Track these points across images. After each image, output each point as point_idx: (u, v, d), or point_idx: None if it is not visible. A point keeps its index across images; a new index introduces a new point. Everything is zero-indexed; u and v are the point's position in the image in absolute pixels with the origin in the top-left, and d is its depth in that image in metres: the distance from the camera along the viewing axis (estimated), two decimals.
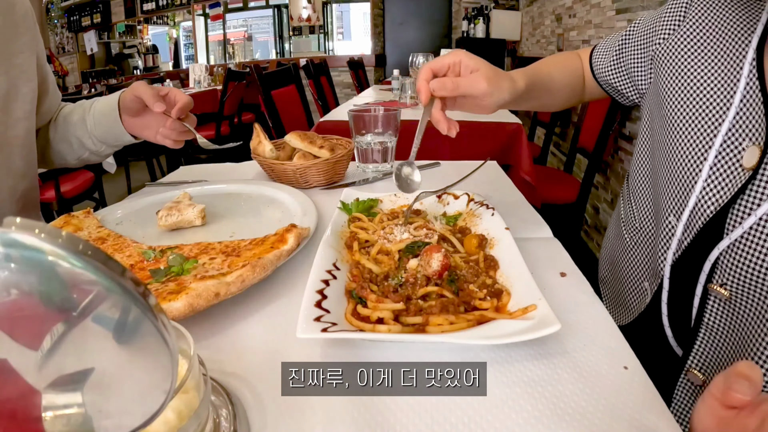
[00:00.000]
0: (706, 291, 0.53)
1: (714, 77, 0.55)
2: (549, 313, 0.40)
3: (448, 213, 0.66)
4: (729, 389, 0.27)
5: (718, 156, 0.52)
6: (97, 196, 2.50)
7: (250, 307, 0.50)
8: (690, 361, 0.55)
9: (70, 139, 0.83)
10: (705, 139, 0.54)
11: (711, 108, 0.54)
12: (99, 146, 0.83)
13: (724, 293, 0.50)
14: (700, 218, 0.53)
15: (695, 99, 0.56)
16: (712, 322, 0.53)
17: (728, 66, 0.54)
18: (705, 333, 0.53)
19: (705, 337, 0.53)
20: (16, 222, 0.18)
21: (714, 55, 0.56)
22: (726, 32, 0.56)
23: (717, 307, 0.52)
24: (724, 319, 0.52)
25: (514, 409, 0.36)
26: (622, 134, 2.14)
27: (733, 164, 0.51)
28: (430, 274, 0.48)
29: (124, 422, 0.22)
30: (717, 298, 0.52)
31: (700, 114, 0.55)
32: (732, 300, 0.50)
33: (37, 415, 0.22)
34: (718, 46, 0.56)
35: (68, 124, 0.83)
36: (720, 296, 0.51)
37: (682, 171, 0.56)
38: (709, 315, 0.53)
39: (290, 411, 0.36)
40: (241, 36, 6.53)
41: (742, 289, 0.49)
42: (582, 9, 2.83)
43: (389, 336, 0.42)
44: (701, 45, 0.58)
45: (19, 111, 0.71)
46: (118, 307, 0.20)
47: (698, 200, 0.53)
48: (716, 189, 0.52)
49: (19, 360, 0.21)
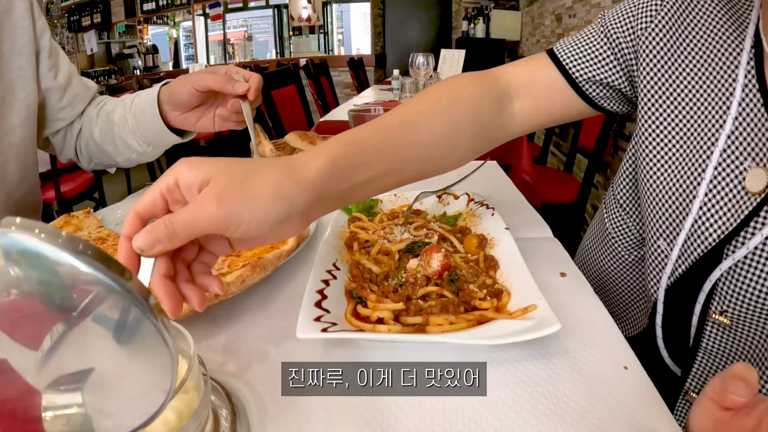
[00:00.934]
0: (703, 316, 0.48)
1: (703, 85, 0.48)
2: (549, 313, 0.40)
3: (448, 213, 0.66)
4: (725, 391, 0.27)
5: (716, 177, 0.46)
6: (97, 196, 2.50)
7: (250, 307, 0.50)
8: (688, 384, 0.52)
9: (114, 140, 0.75)
10: (699, 157, 0.47)
11: (703, 122, 0.47)
12: (145, 147, 0.75)
13: (725, 321, 0.46)
14: (699, 246, 0.47)
15: (683, 111, 0.49)
16: (711, 346, 0.49)
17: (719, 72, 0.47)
18: (703, 357, 0.50)
19: (703, 360, 0.50)
20: (16, 222, 0.18)
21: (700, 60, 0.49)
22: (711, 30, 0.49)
23: (716, 333, 0.48)
24: (723, 345, 0.48)
25: (514, 410, 0.36)
26: (622, 134, 2.14)
27: (735, 187, 0.44)
28: (430, 274, 0.48)
29: (124, 422, 0.22)
30: (716, 325, 0.47)
31: (691, 130, 0.48)
32: (733, 327, 0.46)
33: (37, 415, 0.22)
34: (704, 48, 0.49)
35: (111, 123, 0.75)
36: (720, 324, 0.47)
37: (672, 192, 0.49)
38: (707, 340, 0.49)
39: (290, 411, 0.36)
40: (241, 36, 6.53)
41: (744, 316, 0.45)
42: (582, 9, 2.83)
43: (389, 336, 0.42)
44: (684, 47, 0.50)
45: (14, 118, 0.67)
46: (118, 307, 0.20)
47: (695, 226, 0.47)
48: (717, 214, 0.45)
49: (19, 360, 0.21)
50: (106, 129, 0.75)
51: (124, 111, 0.74)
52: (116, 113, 0.75)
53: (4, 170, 0.68)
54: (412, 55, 2.06)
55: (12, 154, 0.68)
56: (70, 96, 0.75)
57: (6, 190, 0.69)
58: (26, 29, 0.68)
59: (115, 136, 0.75)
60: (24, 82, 0.68)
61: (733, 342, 0.47)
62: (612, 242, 0.64)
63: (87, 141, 0.78)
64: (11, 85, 0.67)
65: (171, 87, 0.70)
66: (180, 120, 0.72)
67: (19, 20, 0.67)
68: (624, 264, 0.64)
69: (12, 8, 0.66)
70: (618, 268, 0.64)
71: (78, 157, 0.81)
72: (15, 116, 0.67)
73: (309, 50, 6.04)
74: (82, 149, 0.79)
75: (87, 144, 0.78)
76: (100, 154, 0.78)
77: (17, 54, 0.67)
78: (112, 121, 0.75)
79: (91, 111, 0.78)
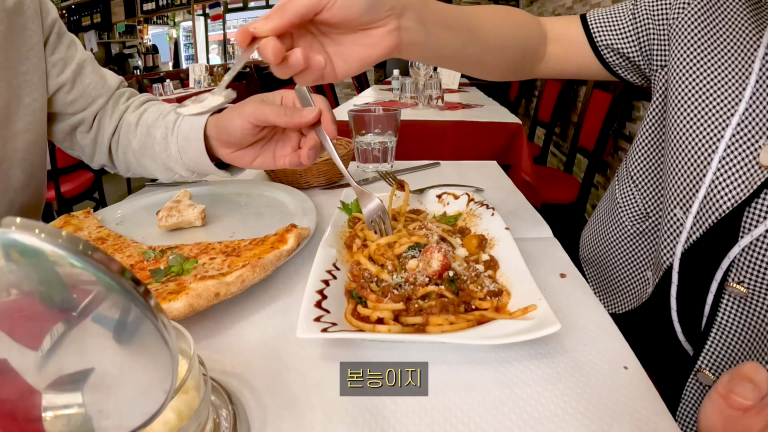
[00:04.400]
0: (720, 288, 0.51)
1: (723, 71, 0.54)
2: (549, 313, 0.40)
3: (448, 213, 0.66)
4: (731, 392, 0.27)
5: (728, 149, 0.50)
6: (97, 196, 2.51)
7: (250, 307, 0.50)
8: (701, 361, 0.53)
9: (155, 158, 0.69)
10: (714, 130, 0.52)
11: (721, 98, 0.53)
12: (189, 173, 0.68)
13: (741, 290, 0.49)
14: (712, 214, 0.51)
15: (704, 87, 0.55)
16: (726, 320, 0.51)
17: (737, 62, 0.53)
18: (717, 332, 0.52)
19: (717, 336, 0.52)
20: (16, 222, 0.18)
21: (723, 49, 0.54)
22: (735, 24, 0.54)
23: (732, 306, 0.50)
24: (739, 318, 0.50)
25: (514, 410, 0.36)
26: (622, 134, 2.14)
27: (750, 161, 0.49)
28: (430, 274, 0.48)
29: (124, 422, 0.22)
30: (732, 296, 0.50)
31: (709, 103, 0.54)
32: (749, 297, 0.49)
33: (37, 415, 0.22)
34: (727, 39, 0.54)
35: (152, 138, 0.68)
36: (737, 293, 0.49)
37: (689, 162, 0.54)
38: (723, 313, 0.51)
39: (290, 411, 0.36)
40: None
41: (761, 287, 0.48)
42: (582, 9, 2.83)
43: (389, 336, 0.42)
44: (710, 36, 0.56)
45: (20, 123, 0.65)
46: (118, 307, 0.20)
47: (709, 194, 0.51)
48: (731, 185, 0.50)
49: (19, 360, 0.21)
50: (146, 143, 0.69)
51: (166, 131, 0.67)
52: (158, 131, 0.68)
53: (9, 177, 0.66)
54: None
55: (17, 160, 0.67)
56: (81, 87, 0.70)
57: (9, 197, 0.67)
58: (35, 31, 0.65)
59: (156, 155, 0.69)
60: (30, 87, 0.65)
61: (750, 315, 0.49)
62: (619, 212, 0.70)
63: (125, 150, 0.72)
64: (17, 91, 0.64)
65: (219, 120, 0.60)
66: (233, 158, 0.62)
67: (28, 21, 0.64)
68: (627, 234, 0.68)
69: (22, 8, 0.64)
70: (621, 238, 0.69)
71: (114, 164, 0.76)
72: (20, 122, 0.65)
73: None
74: (119, 156, 0.74)
75: (125, 153, 0.73)
76: (139, 167, 0.73)
77: (24, 58, 0.64)
78: (152, 137, 0.68)
79: (130, 118, 0.72)
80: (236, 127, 0.56)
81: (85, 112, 0.72)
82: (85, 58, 0.72)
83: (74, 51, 0.71)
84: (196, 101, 0.47)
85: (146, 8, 6.83)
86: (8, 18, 0.62)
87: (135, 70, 7.01)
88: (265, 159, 0.60)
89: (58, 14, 0.70)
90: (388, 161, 0.96)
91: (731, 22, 0.55)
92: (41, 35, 0.66)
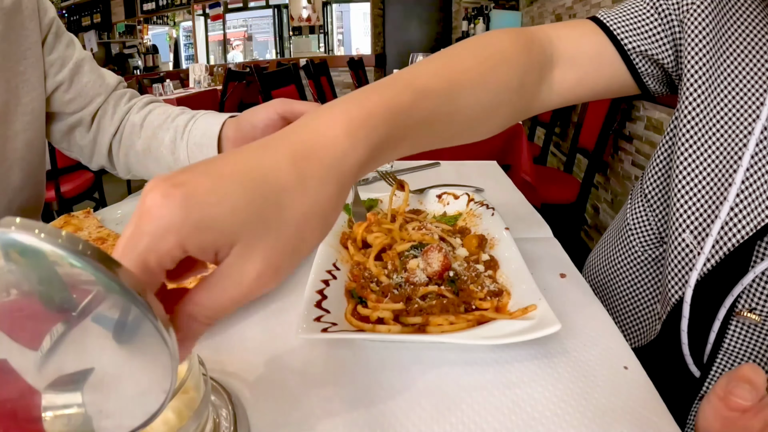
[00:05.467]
0: (728, 316, 0.47)
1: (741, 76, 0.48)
2: (549, 313, 0.40)
3: (448, 213, 0.66)
4: (730, 393, 0.27)
5: (750, 169, 0.45)
6: (97, 196, 2.51)
7: (250, 307, 0.50)
8: (707, 385, 0.51)
9: (159, 160, 0.68)
10: (735, 146, 0.46)
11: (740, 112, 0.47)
12: None
13: (754, 318, 0.46)
14: (730, 240, 0.45)
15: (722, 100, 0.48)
16: (733, 346, 0.49)
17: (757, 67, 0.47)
18: (724, 357, 0.50)
19: (723, 361, 0.50)
20: (15, 222, 0.18)
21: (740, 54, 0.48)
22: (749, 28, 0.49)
23: (742, 333, 0.48)
24: (748, 344, 0.48)
25: (514, 411, 0.36)
26: (622, 134, 2.14)
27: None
28: (430, 274, 0.48)
29: (124, 422, 0.22)
30: (741, 323, 0.47)
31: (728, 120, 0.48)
32: (762, 324, 0.46)
33: (37, 415, 0.22)
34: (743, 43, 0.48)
35: (158, 140, 0.67)
36: (750, 322, 0.46)
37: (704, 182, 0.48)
38: (731, 340, 0.48)
39: (290, 411, 0.36)
40: (241, 36, 6.53)
41: None
42: (582, 9, 2.83)
43: (389, 336, 0.42)
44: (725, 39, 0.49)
45: (18, 123, 0.64)
46: (118, 307, 0.20)
47: (732, 214, 0.45)
48: (756, 202, 0.45)
49: (19, 360, 0.21)
50: (151, 146, 0.68)
51: (175, 135, 0.66)
52: (166, 134, 0.67)
53: (7, 177, 0.66)
54: (412, 55, 2.06)
55: (15, 160, 0.66)
56: (79, 86, 0.70)
57: (8, 197, 0.66)
58: (33, 30, 0.65)
59: (161, 158, 0.67)
60: (28, 86, 0.65)
61: (758, 341, 0.47)
62: (630, 236, 0.62)
63: (127, 151, 0.71)
64: (15, 91, 0.64)
65: (241, 119, 0.61)
66: None
67: (26, 20, 0.64)
68: (637, 262, 0.61)
69: (20, 8, 0.63)
70: (631, 266, 0.62)
71: (114, 165, 0.75)
72: (18, 122, 0.65)
73: (309, 50, 6.05)
74: (120, 158, 0.73)
75: (127, 154, 0.72)
76: (141, 169, 0.71)
77: (22, 57, 0.64)
78: (159, 139, 0.67)
79: (134, 119, 0.71)
80: (261, 118, 0.58)
81: (83, 112, 0.71)
82: (83, 57, 0.71)
83: (72, 50, 0.70)
84: None
85: (146, 8, 6.82)
86: (6, 17, 0.61)
87: (135, 70, 7.00)
88: None
89: (56, 13, 0.69)
90: None
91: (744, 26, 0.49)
92: (39, 35, 0.66)
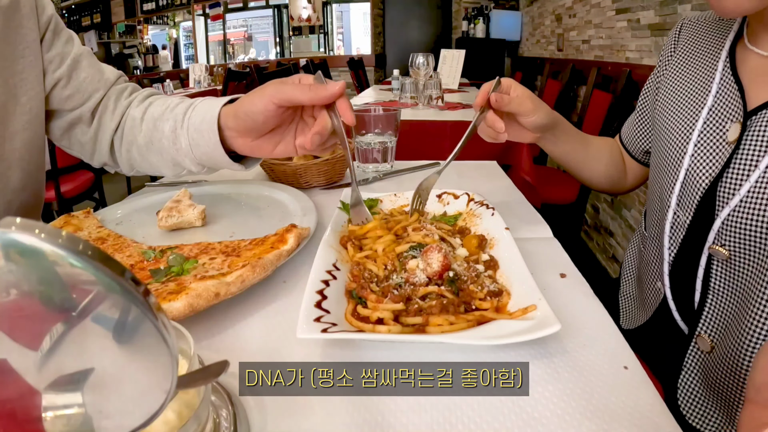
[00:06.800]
0: (709, 259, 0.56)
1: (694, 75, 0.65)
2: (549, 313, 0.40)
3: (448, 213, 0.66)
4: None
5: (701, 135, 0.59)
6: (97, 196, 2.51)
7: (250, 307, 0.50)
8: (700, 326, 0.58)
9: (162, 152, 0.66)
10: (689, 122, 0.62)
11: (692, 98, 0.63)
12: (199, 168, 0.66)
13: (723, 252, 0.54)
14: (695, 193, 0.58)
15: (679, 94, 0.66)
16: (718, 285, 0.56)
17: (706, 66, 0.64)
18: (713, 297, 0.57)
19: (713, 301, 0.57)
20: (15, 222, 0.18)
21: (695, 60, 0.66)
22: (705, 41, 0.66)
23: (720, 269, 0.56)
24: (726, 280, 0.55)
25: (514, 410, 0.36)
26: None
27: (718, 141, 0.57)
28: (430, 275, 0.48)
29: (124, 422, 0.22)
30: (719, 260, 0.56)
31: (684, 104, 0.64)
32: (732, 260, 0.54)
33: (37, 415, 0.22)
34: (698, 53, 0.66)
35: (159, 132, 0.66)
36: (720, 256, 0.55)
37: (670, 153, 0.64)
38: (715, 278, 0.56)
39: (290, 411, 0.36)
40: (241, 36, 6.53)
41: (740, 249, 0.53)
42: (582, 9, 2.83)
43: (389, 336, 0.42)
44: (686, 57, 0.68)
45: (17, 123, 0.64)
46: (118, 307, 0.20)
47: (688, 174, 0.60)
48: (704, 163, 0.58)
49: (19, 360, 0.21)
50: (153, 138, 0.66)
51: (175, 124, 0.64)
52: (165, 124, 0.65)
53: (7, 177, 0.65)
54: (412, 55, 2.06)
55: (15, 160, 0.66)
56: (77, 82, 0.69)
57: (8, 197, 0.66)
58: (31, 29, 0.64)
59: (164, 150, 0.66)
60: (27, 85, 0.65)
61: (734, 277, 0.55)
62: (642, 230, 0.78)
63: (129, 146, 0.70)
64: (14, 90, 0.63)
65: (238, 108, 0.57)
66: (252, 148, 0.60)
67: (24, 19, 0.64)
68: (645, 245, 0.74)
69: (18, 6, 0.63)
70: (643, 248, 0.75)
71: (116, 161, 0.75)
72: (17, 121, 0.65)
73: (309, 50, 6.05)
74: (122, 154, 0.72)
75: (129, 149, 0.70)
76: (144, 163, 0.70)
77: (20, 56, 0.64)
78: (159, 130, 0.66)
79: (134, 113, 0.70)
80: (258, 110, 0.55)
81: (83, 108, 0.70)
82: (81, 52, 0.70)
83: (71, 46, 0.70)
84: None
85: (146, 8, 6.83)
86: (3, 16, 0.61)
87: (135, 70, 7.00)
88: (287, 145, 0.59)
89: (54, 11, 0.69)
90: (388, 161, 0.96)
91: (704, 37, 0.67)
92: (37, 33, 0.65)
